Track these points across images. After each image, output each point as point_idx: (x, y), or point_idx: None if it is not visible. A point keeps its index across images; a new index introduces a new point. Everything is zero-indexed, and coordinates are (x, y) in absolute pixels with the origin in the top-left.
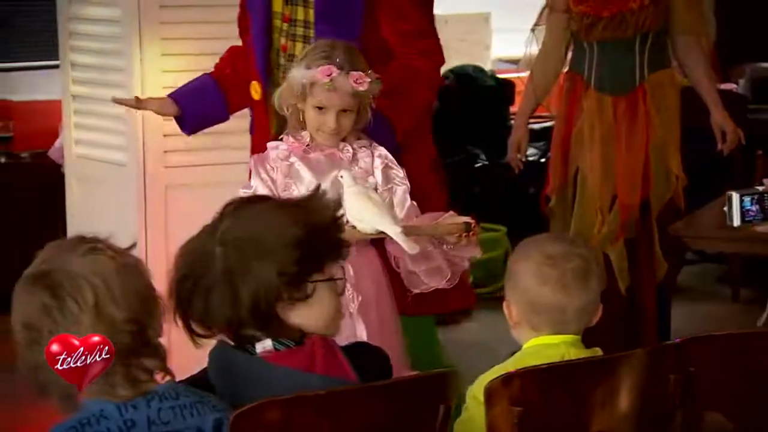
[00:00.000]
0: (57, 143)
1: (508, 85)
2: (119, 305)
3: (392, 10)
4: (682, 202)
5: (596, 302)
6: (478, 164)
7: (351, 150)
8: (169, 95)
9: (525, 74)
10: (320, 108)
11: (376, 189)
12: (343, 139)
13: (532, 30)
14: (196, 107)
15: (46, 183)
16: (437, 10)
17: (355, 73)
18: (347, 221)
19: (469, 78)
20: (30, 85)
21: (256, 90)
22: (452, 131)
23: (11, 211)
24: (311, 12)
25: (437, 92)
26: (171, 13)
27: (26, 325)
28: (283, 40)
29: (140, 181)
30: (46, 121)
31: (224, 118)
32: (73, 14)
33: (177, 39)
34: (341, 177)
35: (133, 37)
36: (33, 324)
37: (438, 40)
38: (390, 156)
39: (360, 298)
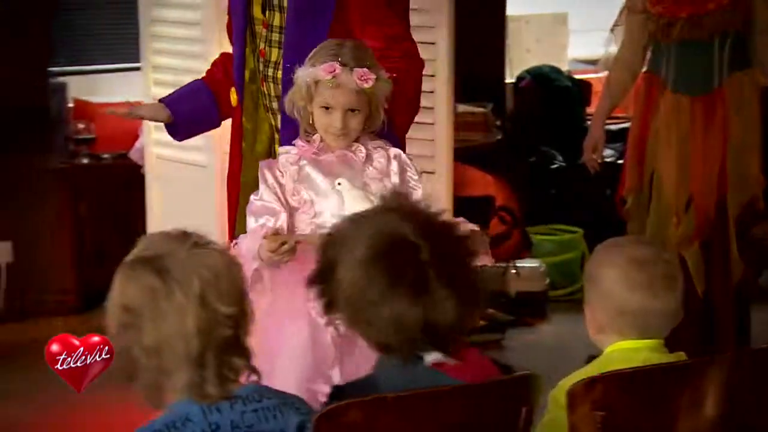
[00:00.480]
0: (137, 144)
1: (584, 86)
2: (223, 300)
3: (370, 16)
4: (762, 204)
5: (681, 306)
6: (554, 165)
7: (364, 150)
8: (161, 100)
9: (602, 75)
10: (326, 108)
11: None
12: (357, 140)
13: (611, 30)
14: (189, 112)
15: (127, 184)
16: (515, 11)
17: (359, 69)
18: None
19: (546, 78)
20: (110, 87)
21: (233, 96)
22: (528, 132)
23: (93, 212)
24: (285, 18)
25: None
26: None
27: (126, 307)
28: (262, 45)
29: (220, 182)
30: (126, 122)
31: (216, 124)
32: (154, 17)
33: None
34: (339, 184)
35: (214, 40)
36: (134, 307)
37: (415, 44)
38: (404, 157)
39: None
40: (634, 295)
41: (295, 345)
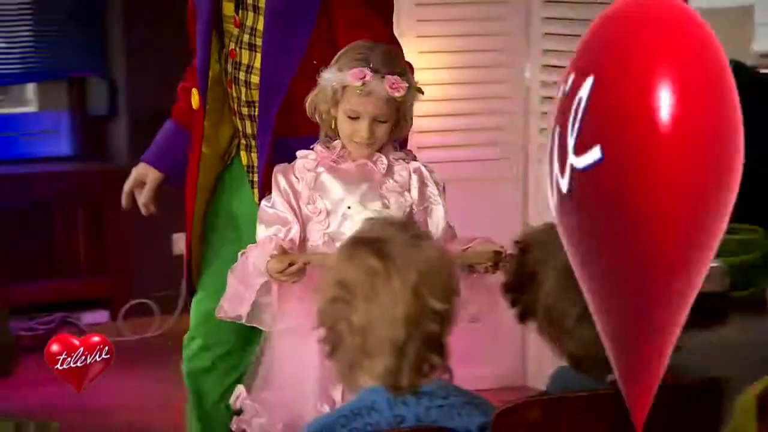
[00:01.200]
0: None
1: None
2: (435, 295)
3: (357, 21)
4: None
5: None
6: None
7: (386, 162)
8: (144, 160)
9: None
10: (353, 115)
11: (411, 208)
12: (379, 149)
13: None
14: (176, 162)
15: None
16: (698, 4)
17: (391, 77)
18: None
19: None
20: None
21: (195, 98)
22: None
23: None
24: (261, 19)
25: None
26: None
27: (341, 282)
28: (232, 45)
29: None
30: None
31: None
32: None
33: None
34: (349, 208)
35: None
36: (349, 284)
37: (402, 48)
38: (425, 171)
39: None
40: None
41: (307, 364)
